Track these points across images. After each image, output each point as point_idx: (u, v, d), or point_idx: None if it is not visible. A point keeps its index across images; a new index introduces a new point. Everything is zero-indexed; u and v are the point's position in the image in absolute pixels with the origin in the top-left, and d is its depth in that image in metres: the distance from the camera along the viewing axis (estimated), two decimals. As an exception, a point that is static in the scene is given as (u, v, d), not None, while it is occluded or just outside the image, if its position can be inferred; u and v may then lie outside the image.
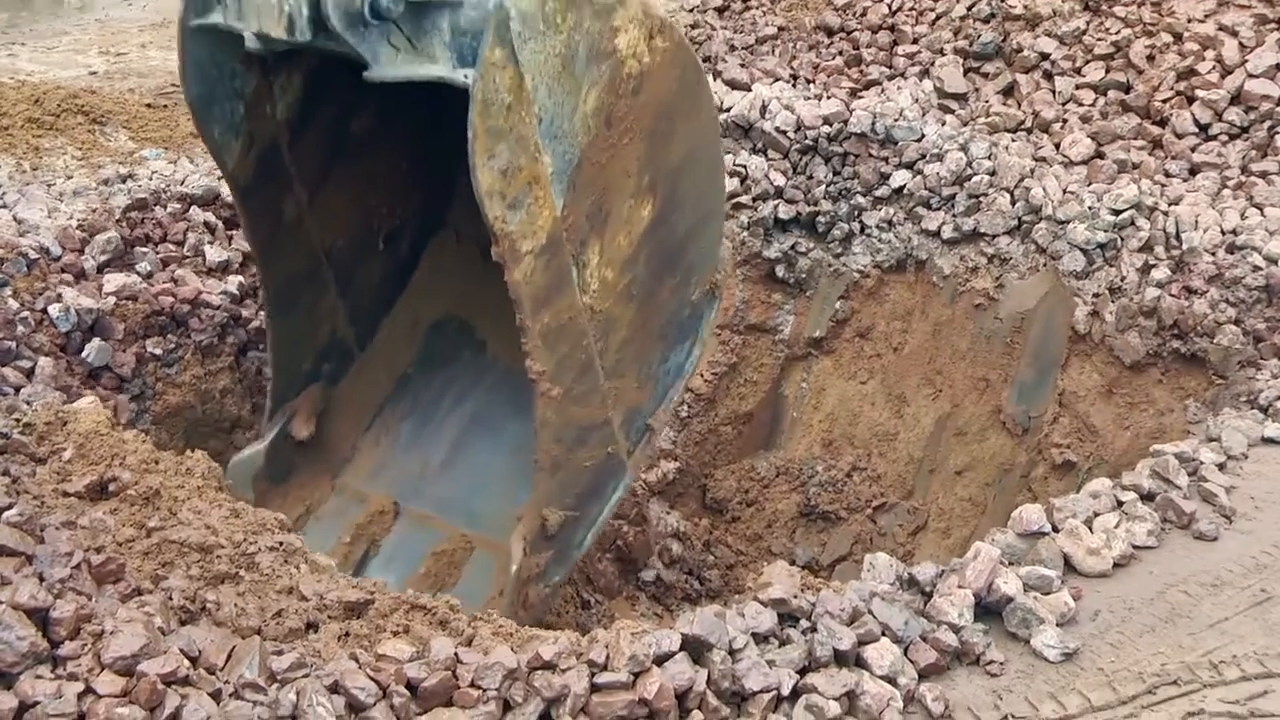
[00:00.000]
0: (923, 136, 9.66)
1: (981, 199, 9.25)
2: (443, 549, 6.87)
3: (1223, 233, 8.15)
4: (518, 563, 6.05)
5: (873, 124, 9.81)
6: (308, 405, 7.11)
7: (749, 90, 10.37)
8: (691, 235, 6.49)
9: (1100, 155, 9.27)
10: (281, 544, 5.28)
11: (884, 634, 4.74)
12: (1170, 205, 8.51)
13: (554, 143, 5.54)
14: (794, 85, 10.56)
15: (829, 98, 10.19)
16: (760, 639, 4.60)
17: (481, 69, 5.10)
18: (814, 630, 4.65)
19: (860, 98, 10.22)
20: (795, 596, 4.77)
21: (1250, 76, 9.12)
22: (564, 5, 5.28)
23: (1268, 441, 6.31)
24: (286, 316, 6.75)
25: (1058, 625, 4.89)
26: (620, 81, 5.66)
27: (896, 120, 9.76)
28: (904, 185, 9.62)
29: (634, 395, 6.41)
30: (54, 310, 6.45)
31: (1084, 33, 10.01)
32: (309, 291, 6.86)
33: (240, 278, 7.50)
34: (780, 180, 10.01)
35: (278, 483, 7.24)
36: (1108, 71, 9.73)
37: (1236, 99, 9.10)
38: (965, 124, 9.87)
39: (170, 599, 4.62)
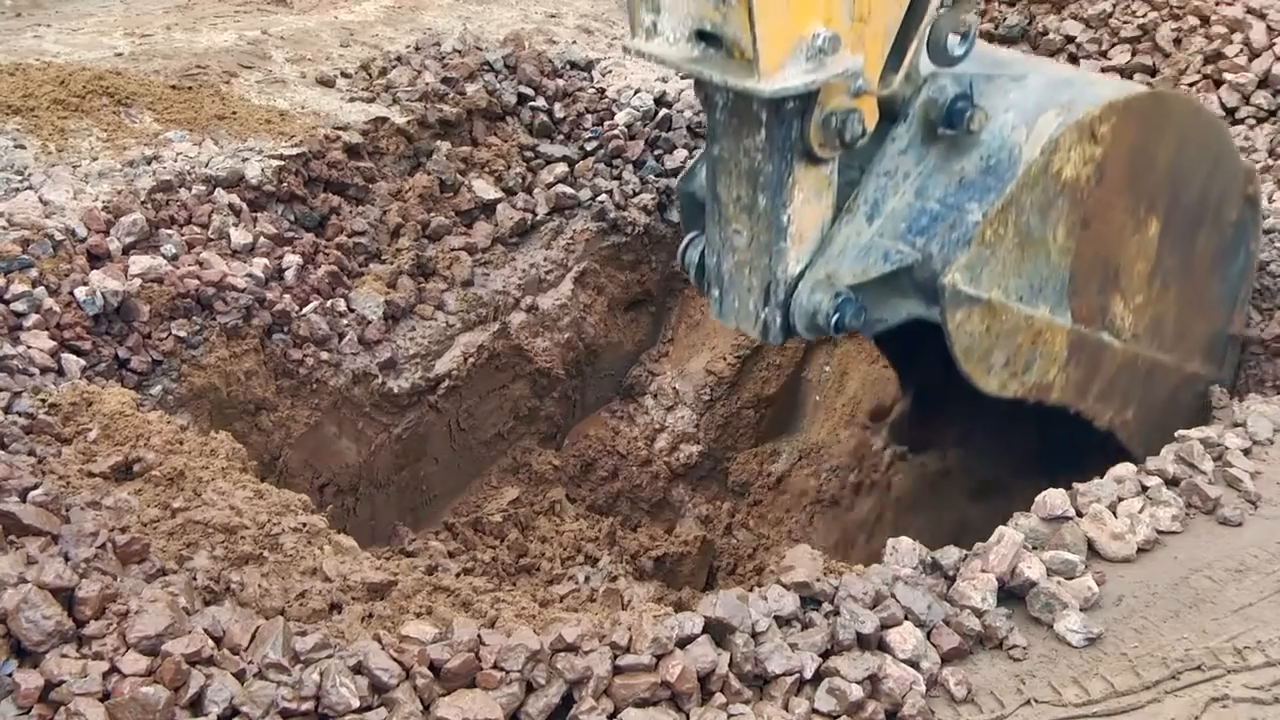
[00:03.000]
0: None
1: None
2: None
3: (1250, 217, 8.10)
4: None
5: (897, 107, 9.77)
6: None
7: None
8: (1206, 188, 6.62)
9: (1126, 138, 9.23)
10: (305, 525, 5.31)
11: (907, 618, 4.73)
12: (1197, 189, 8.46)
13: (1039, 294, 6.02)
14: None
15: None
16: (783, 622, 4.60)
17: (952, 337, 5.73)
18: (836, 614, 4.65)
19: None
20: (818, 580, 4.77)
21: (1278, 60, 9.05)
22: (999, 214, 5.72)
23: (1294, 427, 6.28)
24: None
25: (1081, 610, 4.87)
26: (1079, 192, 5.99)
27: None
28: (928, 168, 9.58)
29: (1204, 328, 6.48)
30: (80, 293, 6.47)
31: (1110, 16, 9.96)
32: None
33: (265, 260, 7.51)
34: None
35: None
36: (1134, 55, 9.68)
37: (1264, 82, 9.05)
38: (990, 107, 9.82)
39: (194, 579, 4.65)
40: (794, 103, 5.41)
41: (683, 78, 9.86)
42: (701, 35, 5.41)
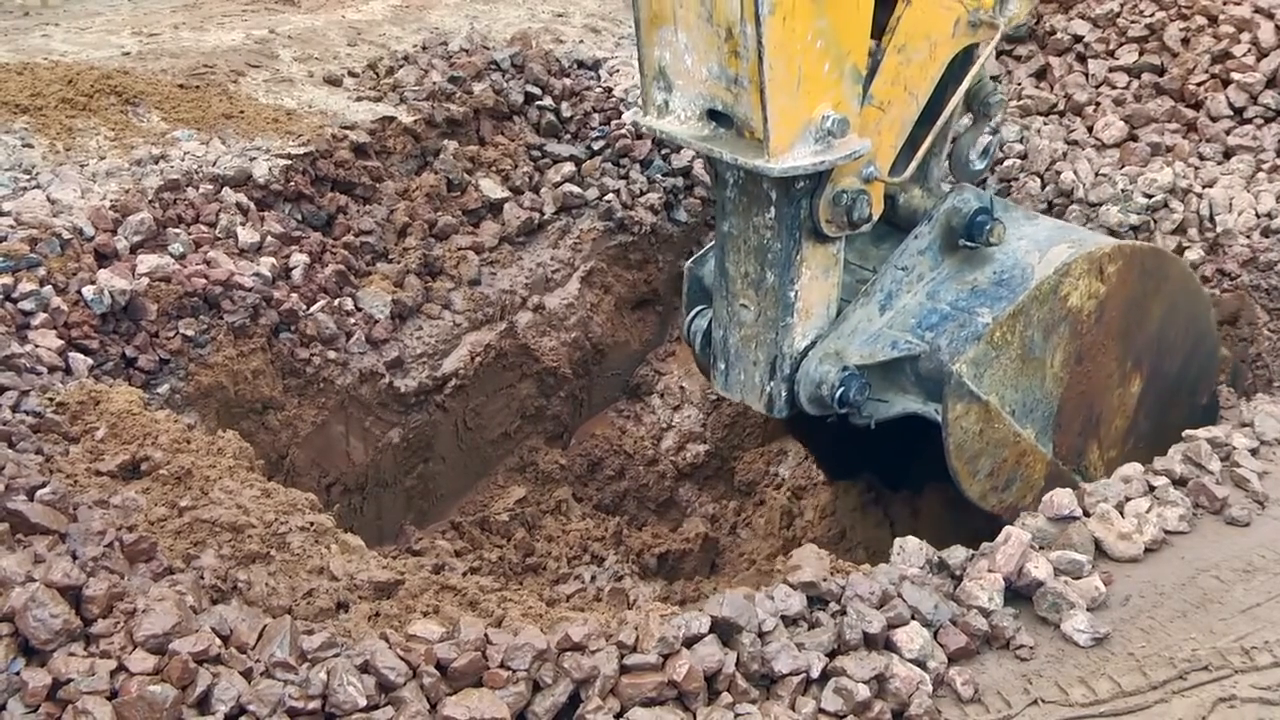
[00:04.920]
0: (954, 119, 9.62)
1: (1012, 183, 9.20)
2: None
3: (1257, 216, 8.09)
4: None
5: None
6: None
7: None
8: (1187, 361, 7.00)
9: (1133, 138, 9.21)
10: (312, 524, 5.31)
11: (914, 617, 4.73)
12: (1204, 188, 8.45)
13: (1030, 415, 6.26)
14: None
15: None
16: (790, 622, 4.60)
17: (948, 427, 5.90)
18: (843, 613, 4.64)
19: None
20: (825, 579, 4.77)
21: (1286, 59, 9.03)
22: (1009, 322, 5.98)
23: (1301, 427, 6.27)
24: None
25: (1088, 610, 4.87)
26: (1080, 324, 6.28)
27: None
28: (935, 168, 9.57)
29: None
30: (88, 292, 6.47)
31: (1117, 15, 9.92)
32: None
33: (272, 259, 7.51)
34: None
35: None
36: (1141, 54, 9.65)
37: (1272, 82, 9.01)
38: (997, 106, 9.81)
39: (202, 578, 4.65)
40: (803, 182, 5.58)
41: (694, 156, 9.89)
42: (712, 114, 5.58)
